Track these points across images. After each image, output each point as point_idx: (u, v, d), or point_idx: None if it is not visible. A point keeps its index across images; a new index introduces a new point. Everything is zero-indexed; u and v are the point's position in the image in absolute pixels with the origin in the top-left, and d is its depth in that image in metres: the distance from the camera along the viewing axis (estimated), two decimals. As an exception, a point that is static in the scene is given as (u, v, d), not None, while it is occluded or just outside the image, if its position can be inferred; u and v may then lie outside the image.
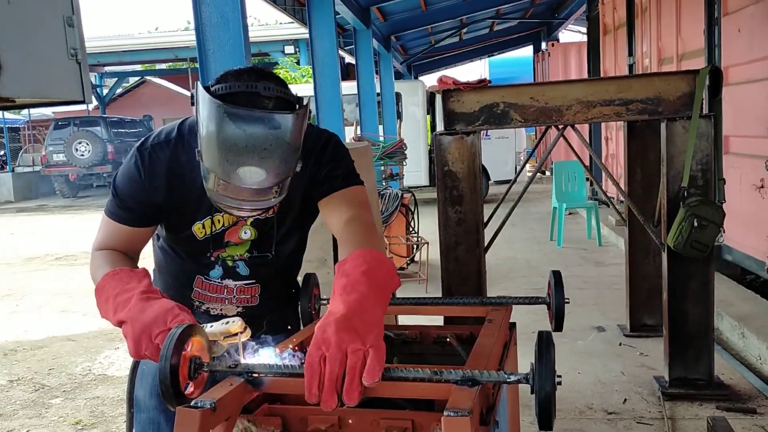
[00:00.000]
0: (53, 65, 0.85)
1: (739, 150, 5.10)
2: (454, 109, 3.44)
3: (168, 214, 1.61)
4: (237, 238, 1.65)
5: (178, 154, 1.55)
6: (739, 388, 3.54)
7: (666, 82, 3.33)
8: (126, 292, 1.37)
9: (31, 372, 4.70)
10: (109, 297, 1.38)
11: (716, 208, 3.26)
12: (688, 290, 3.43)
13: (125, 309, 1.33)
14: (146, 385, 1.71)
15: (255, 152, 1.31)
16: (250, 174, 1.33)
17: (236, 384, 1.20)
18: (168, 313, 1.29)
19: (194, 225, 1.61)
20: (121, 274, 1.44)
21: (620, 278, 4.87)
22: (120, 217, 1.58)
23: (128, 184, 1.56)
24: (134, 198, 1.56)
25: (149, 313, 1.29)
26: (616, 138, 9.09)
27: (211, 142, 1.32)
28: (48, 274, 8.33)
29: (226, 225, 1.63)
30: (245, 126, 1.29)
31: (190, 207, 1.59)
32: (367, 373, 1.09)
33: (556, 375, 1.11)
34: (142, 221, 1.60)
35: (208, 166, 1.36)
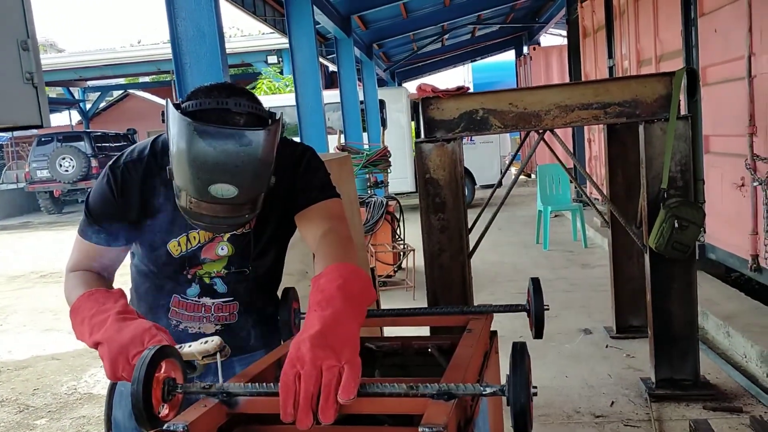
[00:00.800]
0: (8, 90, 0.83)
1: (720, 149, 5.13)
2: (433, 116, 3.44)
3: (142, 233, 1.58)
4: (214, 254, 1.62)
5: (151, 170, 1.53)
6: (725, 387, 3.56)
7: (643, 85, 3.35)
8: (102, 313, 1.35)
9: (15, 393, 4.65)
10: (84, 318, 1.37)
11: (696, 208, 3.28)
12: (672, 291, 3.45)
13: (101, 330, 1.31)
14: (124, 407, 1.68)
15: (226, 169, 1.30)
16: (222, 191, 1.31)
17: (210, 405, 1.18)
18: (145, 334, 1.28)
19: (169, 243, 1.59)
20: (96, 295, 1.42)
21: (606, 280, 4.88)
22: (93, 238, 1.57)
23: (101, 204, 1.54)
24: (107, 217, 1.54)
25: (125, 334, 1.28)
26: (598, 140, 9.15)
27: (182, 159, 1.30)
28: (32, 293, 8.24)
29: (203, 241, 1.61)
30: (215, 143, 1.28)
31: (165, 224, 1.56)
32: (343, 391, 1.08)
33: (532, 386, 1.10)
34: (116, 241, 1.57)
35: (179, 184, 1.35)
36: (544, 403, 3.48)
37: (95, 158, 18.07)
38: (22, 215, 19.17)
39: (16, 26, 0.84)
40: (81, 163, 17.67)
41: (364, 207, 6.34)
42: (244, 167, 1.31)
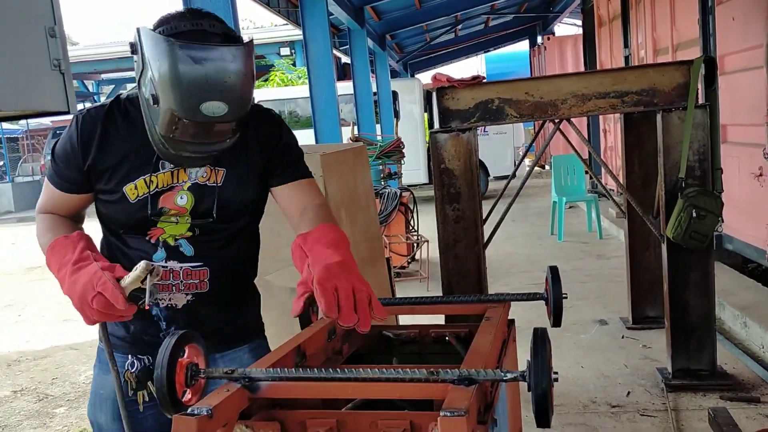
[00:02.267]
0: (36, 76, 0.84)
1: (737, 139, 5.09)
2: (448, 106, 3.43)
3: (99, 177, 1.55)
4: (172, 203, 1.56)
5: (112, 116, 1.54)
6: (742, 377, 3.54)
7: (660, 73, 3.32)
8: (62, 267, 1.45)
9: (34, 382, 4.71)
10: (55, 274, 1.49)
11: (714, 197, 3.25)
12: (689, 281, 3.43)
13: (64, 285, 1.43)
14: (107, 410, 1.66)
15: (216, 86, 1.33)
16: (213, 108, 1.34)
17: (233, 390, 1.19)
18: (93, 278, 1.37)
19: (126, 186, 1.54)
20: (57, 247, 1.50)
21: (622, 271, 4.86)
22: (57, 184, 1.60)
23: (63, 152, 1.56)
24: (69, 164, 1.55)
25: (79, 285, 1.39)
26: (614, 130, 9.09)
27: (170, 81, 1.31)
28: (49, 284, 8.30)
29: (161, 186, 1.55)
30: (204, 61, 1.32)
31: (122, 168, 1.54)
32: (377, 310, 1.33)
33: (553, 371, 1.11)
34: (78, 188, 1.59)
35: (169, 107, 1.34)
36: (560, 393, 3.48)
37: (110, 151, 18.16)
38: (38, 207, 19.32)
39: (43, 13, 0.85)
40: (96, 155, 17.76)
41: (378, 198, 6.35)
42: (231, 83, 1.35)
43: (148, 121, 1.44)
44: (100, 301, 1.35)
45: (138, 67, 1.40)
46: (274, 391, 1.23)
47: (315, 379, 1.20)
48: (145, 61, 1.35)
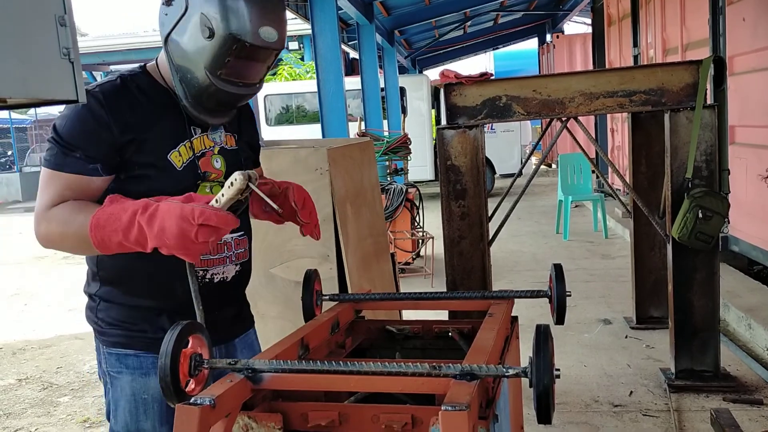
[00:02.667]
0: (46, 65, 0.85)
1: (745, 140, 5.06)
2: (456, 102, 3.43)
3: (138, 150, 1.47)
4: (211, 167, 1.58)
5: (129, 87, 1.51)
6: (745, 379, 3.53)
7: (669, 73, 3.31)
8: (129, 227, 1.32)
9: (39, 371, 4.73)
10: (121, 241, 1.33)
11: (721, 198, 3.24)
12: (694, 282, 3.42)
13: (150, 240, 1.30)
14: (153, 414, 1.59)
15: (272, 11, 1.42)
16: (269, 33, 1.41)
17: (236, 380, 1.20)
18: (184, 214, 1.28)
19: (171, 154, 1.51)
20: (104, 217, 1.35)
21: (627, 270, 4.85)
22: (77, 169, 1.43)
23: (84, 131, 1.43)
24: (96, 143, 1.43)
25: (171, 229, 1.28)
26: (621, 130, 9.06)
27: (233, 5, 1.37)
28: (57, 273, 8.37)
29: (198, 150, 1.55)
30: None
31: (158, 138, 1.50)
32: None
33: (555, 368, 1.11)
34: (107, 168, 1.46)
35: (230, 32, 1.37)
36: (563, 392, 3.48)
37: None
38: (45, 197, 19.38)
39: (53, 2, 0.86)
40: (103, 146, 17.80)
41: (384, 194, 6.35)
42: (280, 10, 1.46)
43: (184, 76, 1.47)
44: (205, 233, 1.28)
45: (172, 18, 1.44)
46: (276, 382, 1.24)
47: (318, 371, 1.21)
48: (190, 3, 1.40)
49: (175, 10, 1.43)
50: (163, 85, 1.55)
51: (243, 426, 1.25)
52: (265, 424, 1.24)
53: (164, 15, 1.46)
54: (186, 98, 1.50)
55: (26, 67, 0.80)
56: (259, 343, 1.83)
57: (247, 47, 1.40)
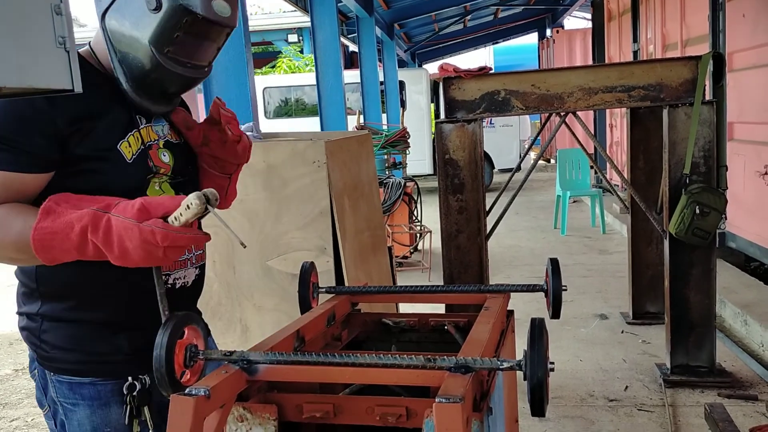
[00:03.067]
0: (41, 54, 0.84)
1: (744, 136, 5.07)
2: (455, 96, 3.43)
3: (83, 139, 1.32)
4: (159, 161, 1.45)
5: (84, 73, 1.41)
6: (741, 375, 3.54)
7: (668, 69, 3.30)
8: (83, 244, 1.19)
9: (36, 361, 4.73)
10: (73, 253, 1.20)
11: (718, 195, 3.25)
12: (690, 277, 3.43)
13: (112, 255, 1.19)
14: None
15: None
16: (221, 7, 1.32)
17: (231, 372, 1.20)
18: (146, 237, 1.16)
19: (120, 143, 1.37)
20: (51, 227, 1.19)
21: (624, 266, 4.86)
22: (13, 164, 1.25)
23: (19, 122, 1.26)
24: (34, 133, 1.27)
25: (135, 251, 1.17)
26: (620, 125, 9.06)
27: None
28: (53, 264, 8.36)
29: (146, 141, 1.42)
30: None
31: (104, 126, 1.35)
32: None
33: (549, 362, 1.11)
34: (46, 163, 1.29)
35: (179, 3, 1.28)
36: (558, 386, 3.49)
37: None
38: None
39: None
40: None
41: (382, 187, 6.35)
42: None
43: (124, 56, 1.34)
44: (173, 252, 1.19)
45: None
46: (271, 374, 1.24)
47: (313, 363, 1.21)
48: None
49: None
50: (101, 71, 1.41)
51: (238, 417, 1.25)
52: (260, 415, 1.25)
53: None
54: (127, 81, 1.36)
55: (22, 56, 0.80)
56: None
57: (198, 21, 1.30)
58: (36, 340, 1.43)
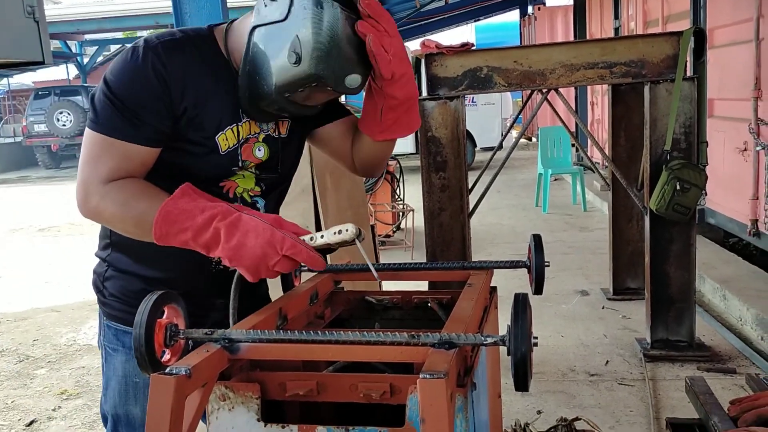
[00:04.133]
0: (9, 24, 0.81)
1: (724, 113, 5.10)
2: (437, 73, 3.40)
3: (189, 123, 1.35)
4: (251, 155, 1.46)
5: (189, 51, 1.36)
6: (719, 349, 3.60)
7: (650, 44, 3.30)
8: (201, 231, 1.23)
9: (15, 343, 4.69)
10: (187, 241, 1.25)
11: (698, 171, 3.27)
12: (670, 253, 3.46)
13: (217, 250, 1.23)
14: (143, 400, 1.46)
15: (360, 59, 1.29)
16: (353, 81, 1.30)
17: (212, 350, 1.18)
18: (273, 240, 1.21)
19: (219, 135, 1.39)
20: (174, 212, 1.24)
21: (604, 243, 4.90)
22: (134, 136, 1.29)
23: (139, 88, 1.29)
24: (155, 105, 1.30)
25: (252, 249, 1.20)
26: (601, 103, 9.08)
27: (330, 48, 1.25)
28: (32, 246, 8.26)
29: (244, 136, 1.43)
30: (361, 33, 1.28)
31: (210, 114, 1.38)
32: None
33: (533, 336, 1.11)
34: (163, 138, 1.33)
35: (315, 72, 1.25)
36: (540, 361, 3.52)
37: (93, 113, 17.93)
38: (19, 169, 19.11)
39: (16, -43, 0.82)
40: (79, 118, 17.55)
41: (364, 166, 6.31)
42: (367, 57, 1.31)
43: (253, 73, 1.32)
44: (284, 265, 1.21)
45: (268, 14, 1.29)
46: (254, 352, 1.23)
47: (296, 341, 1.20)
48: (293, 14, 1.26)
49: (274, 9, 1.29)
50: (225, 56, 1.40)
51: (220, 396, 1.24)
52: (243, 394, 1.23)
53: (263, 5, 1.31)
54: (245, 91, 1.35)
55: (-12, 26, 0.77)
56: None
57: (325, 88, 1.30)
58: (99, 284, 1.54)
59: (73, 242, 8.23)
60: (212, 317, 1.53)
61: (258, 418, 1.23)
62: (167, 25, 19.78)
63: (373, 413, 1.35)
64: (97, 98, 1.31)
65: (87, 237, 8.39)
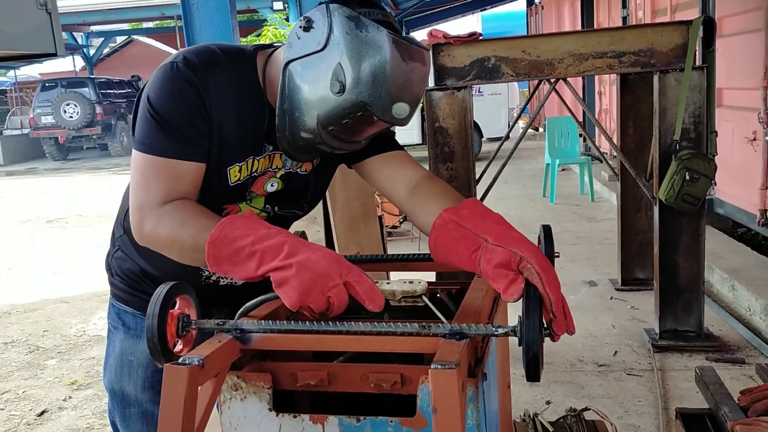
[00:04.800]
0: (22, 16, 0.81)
1: (732, 102, 5.07)
2: (444, 63, 3.39)
3: (210, 150, 1.31)
4: (261, 189, 1.42)
5: (226, 77, 1.31)
6: (728, 339, 3.59)
7: (659, 33, 3.28)
8: (267, 238, 1.14)
9: (25, 334, 4.72)
10: (242, 247, 1.14)
11: (708, 161, 3.25)
12: (680, 243, 3.45)
13: (279, 257, 1.12)
14: (136, 378, 1.56)
15: (412, 88, 1.24)
16: (400, 110, 1.23)
17: (224, 341, 1.19)
18: (340, 266, 1.12)
19: (232, 167, 1.34)
20: (241, 220, 1.18)
21: (612, 233, 4.89)
22: (186, 153, 1.26)
23: (184, 107, 1.25)
24: (198, 121, 1.26)
25: (314, 268, 1.10)
26: (609, 92, 9.03)
27: (377, 75, 1.18)
28: (40, 237, 8.31)
29: (258, 171, 1.39)
30: (410, 61, 1.21)
31: (231, 145, 1.33)
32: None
33: (544, 327, 1.11)
34: (204, 153, 1.28)
35: (360, 100, 1.19)
36: (548, 352, 3.49)
37: (100, 105, 17.99)
38: (27, 161, 19.17)
39: (28, -51, 0.82)
40: (86, 109, 17.59)
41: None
42: (421, 87, 1.26)
43: (291, 110, 1.26)
44: (341, 294, 1.10)
45: (303, 47, 1.23)
46: (265, 342, 1.23)
47: (307, 331, 1.20)
48: (332, 41, 1.20)
49: (310, 40, 1.22)
50: (260, 83, 1.34)
51: (232, 386, 1.25)
52: (255, 384, 1.24)
53: (296, 38, 1.24)
54: (282, 130, 1.29)
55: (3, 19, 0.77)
56: None
57: (371, 117, 1.23)
58: (109, 260, 1.58)
59: (81, 234, 8.27)
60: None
61: (270, 408, 1.23)
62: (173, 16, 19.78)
63: (382, 404, 1.36)
64: (140, 118, 1.28)
65: (95, 229, 8.43)
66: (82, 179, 14.29)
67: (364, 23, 1.19)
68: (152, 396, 1.56)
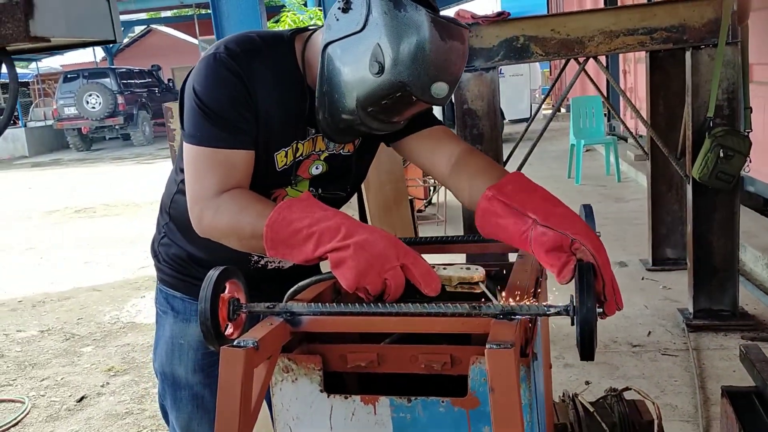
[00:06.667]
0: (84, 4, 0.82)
1: (764, 78, 4.97)
2: (472, 44, 3.36)
3: (257, 138, 1.33)
4: (306, 172, 1.44)
5: (267, 64, 1.31)
6: (763, 317, 3.55)
7: (691, 9, 3.22)
8: (325, 219, 1.15)
9: (60, 322, 4.80)
10: (299, 228, 1.16)
11: (742, 137, 3.20)
12: (713, 222, 3.41)
13: (337, 237, 1.13)
14: (187, 361, 1.59)
15: (451, 67, 1.22)
16: (439, 89, 1.22)
17: (276, 323, 1.20)
18: (398, 248, 1.14)
19: (278, 152, 1.36)
20: (298, 203, 1.19)
21: (641, 213, 4.84)
22: (238, 142, 1.27)
23: (229, 97, 1.26)
24: (245, 110, 1.28)
25: (372, 249, 1.11)
26: (634, 71, 8.91)
27: (415, 54, 1.18)
28: (69, 227, 8.42)
29: (303, 155, 1.40)
30: (449, 39, 1.20)
31: (276, 130, 1.34)
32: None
33: (597, 305, 1.10)
34: (253, 141, 1.30)
35: (399, 80, 1.19)
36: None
37: (121, 95, 18.12)
38: (51, 152, 19.41)
39: (87, -63, 0.83)
40: (108, 100, 17.73)
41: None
42: (460, 66, 1.25)
43: (331, 92, 1.27)
44: (397, 277, 1.13)
45: (342, 28, 1.24)
46: (315, 325, 1.24)
47: (357, 313, 1.21)
48: (371, 22, 1.20)
49: (349, 21, 1.23)
50: (300, 69, 1.35)
51: (284, 368, 1.26)
52: (305, 366, 1.25)
53: (335, 19, 1.25)
54: (322, 113, 1.30)
55: (66, 7, 0.77)
56: None
57: (410, 97, 1.22)
58: (155, 247, 1.61)
59: (109, 223, 8.37)
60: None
61: (321, 389, 1.25)
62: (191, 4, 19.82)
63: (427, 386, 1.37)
64: (188, 111, 1.29)
65: (123, 218, 8.53)
66: (106, 169, 14.45)
67: (403, 3, 1.18)
68: (202, 378, 1.59)
